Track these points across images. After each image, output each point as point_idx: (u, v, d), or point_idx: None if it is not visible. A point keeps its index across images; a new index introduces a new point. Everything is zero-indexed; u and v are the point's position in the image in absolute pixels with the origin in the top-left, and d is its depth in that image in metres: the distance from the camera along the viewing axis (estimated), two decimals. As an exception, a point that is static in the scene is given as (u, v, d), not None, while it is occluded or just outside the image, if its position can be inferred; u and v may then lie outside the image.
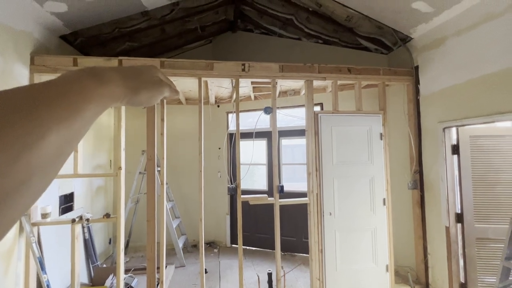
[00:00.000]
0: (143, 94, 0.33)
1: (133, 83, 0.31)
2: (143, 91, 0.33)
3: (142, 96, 0.33)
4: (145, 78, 0.33)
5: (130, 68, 0.33)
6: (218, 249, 4.01)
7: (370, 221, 2.68)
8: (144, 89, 0.33)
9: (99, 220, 2.38)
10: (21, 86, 0.22)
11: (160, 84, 0.35)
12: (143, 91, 0.33)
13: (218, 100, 4.21)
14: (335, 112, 2.70)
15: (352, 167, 2.70)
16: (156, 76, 0.35)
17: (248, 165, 3.51)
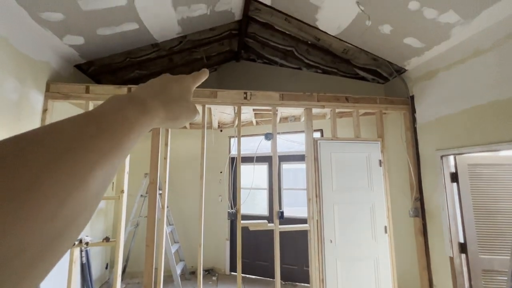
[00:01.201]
0: (178, 122, 0.34)
1: (172, 113, 0.32)
2: (179, 120, 0.33)
3: (176, 124, 0.34)
4: (183, 106, 0.34)
5: (169, 93, 0.33)
6: (217, 277, 3.89)
7: (372, 250, 2.62)
8: (181, 119, 0.34)
9: (99, 243, 2.37)
10: (62, 120, 0.21)
11: (194, 111, 0.36)
12: (179, 120, 0.33)
13: (221, 125, 4.33)
14: (334, 139, 2.77)
15: (352, 194, 2.71)
16: (192, 104, 0.36)
17: (249, 189, 3.52)
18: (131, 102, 0.27)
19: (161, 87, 0.33)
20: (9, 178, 0.15)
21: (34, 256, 0.16)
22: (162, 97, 0.32)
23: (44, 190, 0.16)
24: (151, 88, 0.32)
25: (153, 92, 0.32)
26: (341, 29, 2.70)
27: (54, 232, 0.17)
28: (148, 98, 0.30)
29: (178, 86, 0.35)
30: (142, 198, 3.81)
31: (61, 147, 0.19)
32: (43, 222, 0.16)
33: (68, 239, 0.19)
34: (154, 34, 2.80)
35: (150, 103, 0.29)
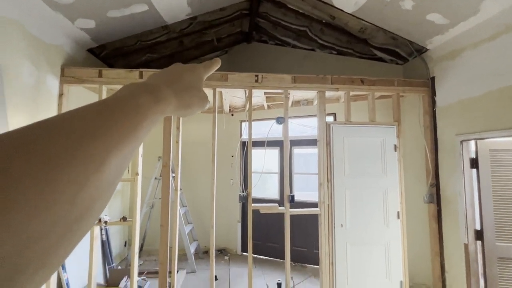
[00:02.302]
0: (190, 111, 0.34)
1: (184, 101, 0.33)
2: (191, 109, 0.34)
3: (188, 112, 0.34)
4: (195, 95, 0.34)
5: (182, 82, 0.33)
6: (229, 256, 4.03)
7: (383, 235, 2.61)
8: (192, 107, 0.34)
9: (116, 223, 2.49)
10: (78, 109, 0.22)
11: (205, 100, 0.37)
12: (191, 109, 0.34)
13: (232, 109, 4.31)
14: (348, 123, 2.70)
15: (364, 179, 2.66)
16: (203, 92, 0.36)
17: (260, 173, 3.54)
18: (144, 90, 0.28)
19: (173, 76, 0.34)
20: (33, 163, 0.16)
21: (56, 239, 0.17)
22: (175, 85, 0.32)
23: (64, 175, 0.17)
24: (164, 76, 0.33)
25: (166, 81, 0.32)
26: (358, 5, 2.54)
27: (74, 216, 0.18)
28: (162, 86, 0.30)
29: (190, 74, 0.35)
30: (156, 180, 3.92)
31: (78, 134, 0.19)
32: (65, 205, 0.17)
33: (86, 224, 0.19)
34: (164, 15, 2.75)
35: (163, 91, 0.30)
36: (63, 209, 0.17)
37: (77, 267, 2.64)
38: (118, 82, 2.57)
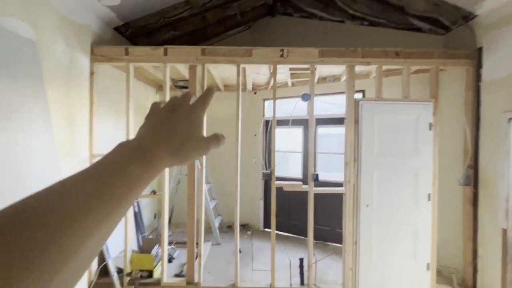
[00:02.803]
0: (186, 162, 0.33)
1: (179, 158, 0.31)
2: (188, 160, 0.33)
3: (184, 163, 0.33)
4: (192, 147, 0.32)
5: (177, 137, 0.31)
6: (251, 232, 4.17)
7: (411, 217, 2.52)
8: (189, 159, 0.33)
9: (147, 196, 2.64)
10: (68, 181, 0.22)
11: (204, 150, 0.34)
12: (187, 161, 0.33)
13: (255, 87, 4.23)
14: (379, 100, 2.54)
15: (394, 159, 2.54)
16: (203, 140, 0.34)
17: (283, 152, 3.51)
18: (136, 154, 0.27)
19: (168, 131, 0.31)
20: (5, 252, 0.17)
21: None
22: (170, 143, 0.30)
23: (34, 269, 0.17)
24: (158, 133, 0.31)
25: (160, 139, 0.30)
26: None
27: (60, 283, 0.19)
28: (154, 147, 0.29)
29: (188, 123, 0.33)
30: (182, 158, 4.06)
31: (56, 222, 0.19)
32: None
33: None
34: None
35: (156, 153, 0.29)
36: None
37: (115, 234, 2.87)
38: (144, 59, 2.60)
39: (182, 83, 3.92)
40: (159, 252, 2.84)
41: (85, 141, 2.56)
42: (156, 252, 2.81)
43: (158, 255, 2.81)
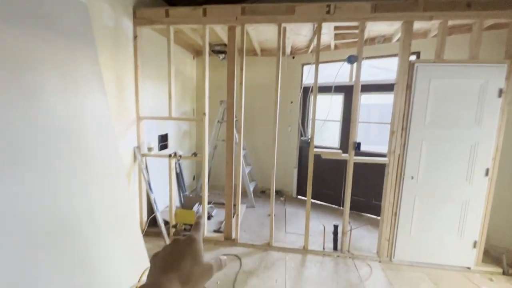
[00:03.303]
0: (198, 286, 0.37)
1: (189, 285, 0.35)
2: (198, 286, 0.36)
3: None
4: (199, 276, 0.36)
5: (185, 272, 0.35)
6: (284, 198, 4.27)
7: (463, 192, 2.34)
8: (199, 285, 0.36)
9: (189, 157, 2.79)
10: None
11: (211, 273, 0.39)
12: (198, 286, 0.36)
13: (294, 51, 4.01)
14: (439, 62, 2.23)
15: (449, 130, 2.30)
16: (206, 266, 0.38)
17: (322, 121, 3.38)
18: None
19: (176, 264, 0.35)
20: None
21: None
22: (180, 274, 0.34)
23: None
24: (167, 270, 0.35)
25: (170, 273, 0.34)
26: None
27: None
28: (166, 282, 0.32)
29: (191, 252, 0.37)
30: (218, 124, 4.15)
31: None
32: None
33: None
34: None
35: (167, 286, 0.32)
36: None
37: (160, 192, 3.15)
38: (183, 21, 2.56)
39: (219, 48, 3.85)
40: (200, 209, 3.08)
41: (132, 104, 2.72)
42: (197, 209, 3.04)
43: (198, 211, 3.05)
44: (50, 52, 1.54)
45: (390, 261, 2.52)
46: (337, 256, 2.61)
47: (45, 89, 1.46)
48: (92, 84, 1.85)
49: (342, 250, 2.62)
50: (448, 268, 2.44)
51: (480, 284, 2.23)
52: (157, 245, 2.71)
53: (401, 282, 2.24)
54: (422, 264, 2.48)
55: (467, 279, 2.30)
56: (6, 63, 1.27)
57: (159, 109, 3.28)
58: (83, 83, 1.76)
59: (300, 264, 2.47)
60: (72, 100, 1.65)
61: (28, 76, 1.37)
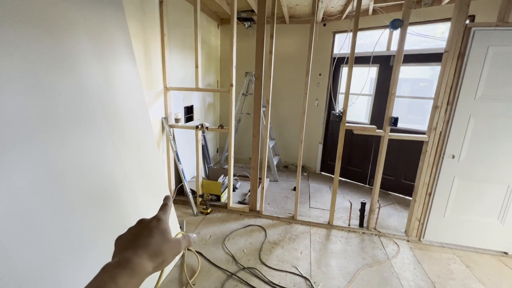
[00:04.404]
0: (166, 264, 0.37)
1: (159, 260, 0.35)
2: (167, 262, 0.37)
3: (164, 265, 0.37)
4: (167, 249, 0.37)
5: (152, 244, 0.36)
6: (307, 173, 4.23)
7: (509, 174, 2.14)
8: (168, 260, 0.37)
9: (215, 129, 2.77)
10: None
11: (179, 247, 0.39)
12: (166, 262, 0.37)
13: (325, 17, 3.70)
14: (501, 25, 1.93)
15: (504, 104, 2.05)
16: (173, 241, 0.39)
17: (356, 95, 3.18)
18: (119, 268, 0.31)
19: (144, 240, 0.36)
20: None
21: None
22: (147, 250, 0.35)
23: None
24: (134, 244, 0.35)
25: (138, 248, 0.35)
26: None
27: None
28: (134, 257, 0.33)
29: (159, 229, 0.39)
30: (243, 96, 4.06)
31: None
32: None
33: None
34: None
35: (137, 261, 0.33)
36: None
37: (187, 163, 3.23)
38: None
39: (245, 15, 3.64)
40: (225, 181, 3.13)
41: (159, 74, 2.69)
42: (222, 181, 3.09)
43: (224, 183, 3.11)
44: (81, 16, 1.50)
45: (419, 241, 2.46)
46: (363, 232, 2.58)
47: (79, 54, 1.45)
48: (122, 51, 1.82)
49: (369, 227, 2.59)
50: (482, 251, 2.33)
51: (518, 270, 2.12)
52: (185, 212, 2.83)
53: (430, 261, 2.19)
54: (453, 246, 2.39)
55: (502, 263, 2.20)
56: (44, 26, 1.25)
57: (185, 80, 3.24)
58: (114, 49, 1.73)
59: (325, 238, 2.48)
60: (105, 66, 1.64)
61: (64, 39, 1.36)
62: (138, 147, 1.86)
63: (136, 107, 1.90)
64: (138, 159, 1.84)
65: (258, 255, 2.18)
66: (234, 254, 2.17)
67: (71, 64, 1.39)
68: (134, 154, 1.81)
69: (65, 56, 1.35)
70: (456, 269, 2.11)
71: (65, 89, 1.32)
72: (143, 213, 1.74)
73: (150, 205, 1.83)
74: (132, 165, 1.76)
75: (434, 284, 1.94)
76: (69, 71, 1.37)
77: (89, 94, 1.48)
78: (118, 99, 1.71)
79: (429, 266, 2.13)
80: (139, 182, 1.79)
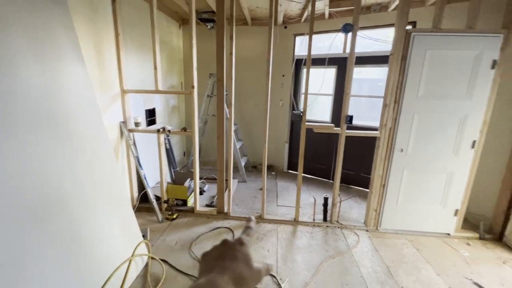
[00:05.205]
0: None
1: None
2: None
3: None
4: (249, 277, 0.36)
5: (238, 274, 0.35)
6: (275, 172, 4.32)
7: (448, 164, 2.41)
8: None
9: (178, 132, 2.71)
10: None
11: (260, 278, 0.38)
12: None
13: (286, 20, 3.81)
14: (436, 31, 2.16)
15: (441, 102, 2.30)
16: (255, 269, 0.37)
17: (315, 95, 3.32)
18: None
19: (230, 265, 0.35)
20: None
21: None
22: (232, 275, 0.34)
23: None
24: (219, 265, 0.35)
25: (223, 271, 0.34)
26: None
27: None
28: (222, 283, 0.32)
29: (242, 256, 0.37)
30: (208, 98, 4.02)
31: None
32: None
33: None
34: None
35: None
36: None
37: (150, 168, 3.10)
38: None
39: (207, 16, 3.60)
40: (191, 184, 3.06)
41: (115, 76, 2.55)
42: (189, 185, 3.03)
43: (190, 187, 3.04)
44: (18, 17, 1.37)
45: (376, 230, 2.64)
46: (327, 226, 2.70)
47: (17, 56, 1.32)
48: (69, 51, 1.69)
49: (332, 221, 2.72)
50: (430, 234, 2.59)
51: (458, 248, 2.39)
52: (149, 219, 2.72)
53: (385, 248, 2.37)
54: (406, 232, 2.61)
55: (446, 244, 2.46)
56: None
57: (145, 82, 3.11)
58: (58, 49, 1.61)
59: (291, 234, 2.56)
60: (49, 68, 1.51)
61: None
62: (92, 154, 1.75)
63: (87, 111, 1.78)
64: (92, 167, 1.73)
65: (226, 257, 2.17)
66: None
67: (7, 66, 1.27)
68: (87, 161, 1.69)
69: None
70: (408, 253, 2.31)
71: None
72: (99, 224, 1.64)
73: (107, 215, 1.73)
74: (85, 173, 1.65)
75: (389, 269, 2.10)
76: (2, 74, 1.24)
77: (30, 97, 1.36)
78: (66, 102, 1.59)
79: (385, 253, 2.30)
80: (93, 191, 1.68)
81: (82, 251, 1.48)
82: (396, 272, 2.07)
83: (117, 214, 1.85)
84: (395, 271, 2.08)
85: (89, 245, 1.54)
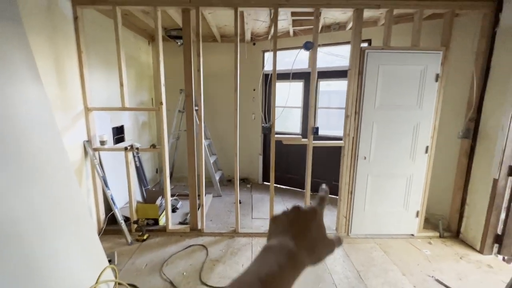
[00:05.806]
0: (320, 262, 0.35)
1: (315, 257, 0.34)
2: (321, 260, 0.36)
3: (318, 263, 0.36)
4: (323, 245, 0.36)
5: (311, 238, 0.35)
6: (251, 185, 4.33)
7: (407, 168, 2.59)
8: (322, 258, 0.36)
9: (147, 149, 2.65)
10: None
11: (333, 248, 0.37)
12: (321, 260, 0.35)
13: (254, 37, 3.96)
14: (386, 48, 2.39)
15: (396, 112, 2.50)
16: (327, 239, 0.37)
17: (283, 107, 3.44)
18: (285, 257, 0.31)
19: (302, 232, 0.35)
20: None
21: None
22: (305, 243, 0.34)
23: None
24: (291, 231, 0.35)
25: (296, 238, 0.34)
26: None
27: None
28: (298, 251, 0.32)
29: (315, 225, 0.36)
30: (180, 113, 4.00)
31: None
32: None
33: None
34: None
35: (300, 256, 0.32)
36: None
37: (119, 187, 2.97)
38: (132, 2, 2.35)
39: (175, 33, 3.64)
40: (163, 202, 2.98)
41: (78, 94, 2.47)
42: (160, 203, 2.94)
43: (162, 205, 2.95)
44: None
45: (347, 236, 2.73)
46: (301, 236, 2.74)
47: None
48: (22, 69, 1.63)
49: (305, 230, 2.76)
50: (396, 236, 2.73)
51: (421, 248, 2.54)
52: (118, 242, 2.58)
53: (356, 252, 2.46)
54: (374, 235, 2.73)
55: (410, 244, 2.60)
56: None
57: (112, 99, 3.04)
58: (9, 68, 1.54)
59: (265, 247, 2.56)
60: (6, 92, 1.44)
61: None
62: (49, 177, 1.65)
63: (43, 132, 1.70)
64: (49, 192, 1.63)
65: (199, 276, 2.12)
66: (173, 280, 2.06)
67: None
68: (44, 186, 1.60)
69: None
70: (377, 256, 2.41)
71: None
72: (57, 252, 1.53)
73: (67, 242, 1.62)
74: (41, 198, 1.55)
75: (359, 273, 2.18)
76: None
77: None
78: (17, 123, 1.51)
79: (355, 257, 2.38)
80: (50, 219, 1.58)
81: (39, 281, 1.37)
82: (366, 275, 2.15)
83: (78, 241, 1.74)
84: (365, 275, 2.15)
85: (46, 275, 1.43)
